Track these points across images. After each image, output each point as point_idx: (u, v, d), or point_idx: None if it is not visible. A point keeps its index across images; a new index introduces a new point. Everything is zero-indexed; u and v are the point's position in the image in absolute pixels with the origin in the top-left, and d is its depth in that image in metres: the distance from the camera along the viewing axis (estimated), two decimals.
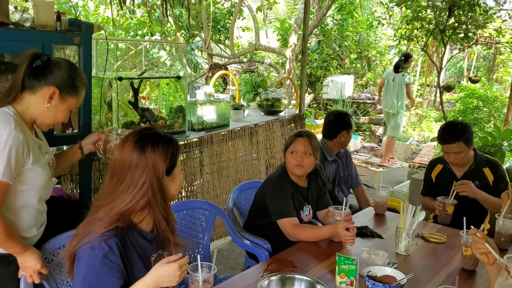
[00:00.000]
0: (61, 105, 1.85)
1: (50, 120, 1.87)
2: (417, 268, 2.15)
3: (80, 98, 1.93)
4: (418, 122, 11.16)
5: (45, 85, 1.80)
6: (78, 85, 1.89)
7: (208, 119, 4.06)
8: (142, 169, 1.52)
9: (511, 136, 4.35)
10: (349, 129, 3.34)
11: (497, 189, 2.89)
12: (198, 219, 2.60)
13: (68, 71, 1.85)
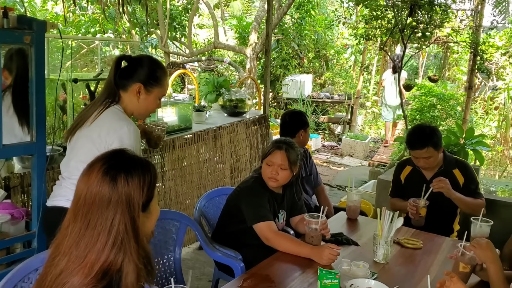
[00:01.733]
0: (149, 97, 2.12)
1: (144, 111, 2.17)
2: (397, 278, 2.08)
3: (165, 86, 2.18)
4: (374, 121, 11.34)
5: (132, 83, 2.08)
6: (159, 75, 2.13)
7: (169, 121, 3.87)
8: (115, 207, 1.19)
9: (473, 135, 4.41)
10: (306, 127, 3.30)
11: (468, 190, 2.88)
12: (168, 231, 2.43)
13: (148, 65, 2.11)
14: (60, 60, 2.49)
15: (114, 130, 2.01)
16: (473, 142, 4.38)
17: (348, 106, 10.12)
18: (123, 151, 1.32)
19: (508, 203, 3.41)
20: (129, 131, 2.03)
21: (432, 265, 2.24)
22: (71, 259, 1.17)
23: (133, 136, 2.04)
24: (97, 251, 1.16)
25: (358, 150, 8.51)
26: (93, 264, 1.15)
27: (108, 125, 2.03)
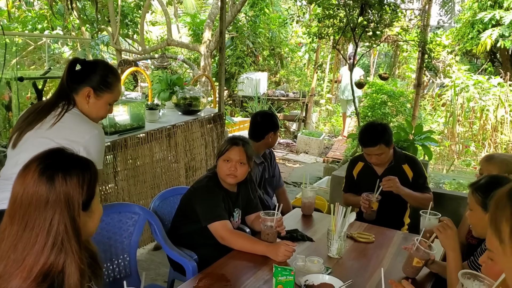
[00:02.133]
0: (98, 102, 2.10)
1: (94, 115, 2.13)
2: (351, 272, 2.12)
3: (116, 92, 2.15)
4: (328, 118, 11.53)
5: (83, 86, 2.07)
6: (111, 81, 2.11)
7: (121, 120, 3.78)
8: (53, 207, 1.16)
9: (421, 131, 4.55)
10: (276, 129, 3.27)
11: (417, 184, 2.98)
12: (124, 223, 2.39)
13: (100, 70, 2.09)
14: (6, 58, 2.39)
15: (83, 133, 2.03)
16: (422, 137, 4.52)
17: (303, 103, 10.24)
18: (61, 150, 1.28)
19: (454, 196, 3.54)
20: (98, 134, 2.07)
21: (384, 258, 2.29)
22: (8, 263, 1.13)
23: (99, 139, 2.08)
24: (36, 253, 1.13)
25: (313, 147, 8.62)
26: (32, 266, 1.12)
27: (75, 128, 2.04)
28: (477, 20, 9.27)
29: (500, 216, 0.90)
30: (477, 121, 8.21)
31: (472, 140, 8.12)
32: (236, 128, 7.62)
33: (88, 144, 2.01)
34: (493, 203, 0.94)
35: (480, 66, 12.26)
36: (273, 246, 2.18)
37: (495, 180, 1.93)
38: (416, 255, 2.03)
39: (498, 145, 7.72)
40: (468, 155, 7.77)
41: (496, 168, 2.38)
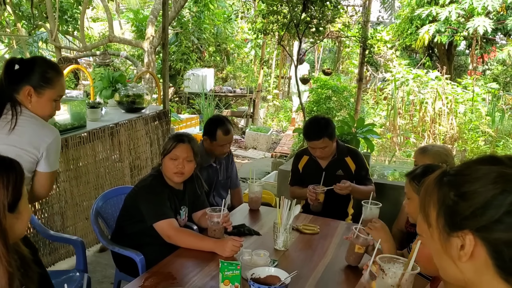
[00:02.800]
0: (40, 99, 2.01)
1: (40, 114, 2.04)
2: (297, 263, 2.16)
3: (58, 87, 2.06)
4: (275, 113, 11.64)
5: (22, 86, 1.99)
6: (50, 77, 2.02)
7: (61, 120, 3.64)
8: None
9: (363, 124, 4.68)
10: (210, 136, 3.18)
11: (360, 176, 3.07)
12: None
13: (38, 67, 2.01)
14: None
15: (45, 137, 2.01)
16: (364, 130, 4.66)
17: (250, 99, 10.28)
18: None
19: (395, 186, 3.68)
20: (58, 136, 2.07)
21: (328, 248, 2.35)
22: None
23: (58, 141, 2.08)
24: None
25: (261, 142, 8.68)
26: None
27: (37, 131, 2.01)
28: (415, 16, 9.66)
29: (428, 201, 0.95)
30: (416, 114, 8.55)
31: (412, 131, 8.45)
32: (183, 125, 7.55)
33: (50, 147, 2.00)
34: (423, 189, 0.99)
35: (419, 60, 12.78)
36: (220, 242, 2.19)
37: (430, 169, 2.01)
38: (356, 242, 2.10)
39: (437, 136, 8.09)
40: (408, 146, 8.09)
41: (430, 160, 2.49)
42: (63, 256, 3.45)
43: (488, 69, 13.41)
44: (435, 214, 0.93)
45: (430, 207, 0.95)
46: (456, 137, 8.06)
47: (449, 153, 2.68)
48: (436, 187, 0.94)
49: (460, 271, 0.90)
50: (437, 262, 0.96)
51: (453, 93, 8.34)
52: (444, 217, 0.91)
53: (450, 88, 8.43)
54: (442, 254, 0.93)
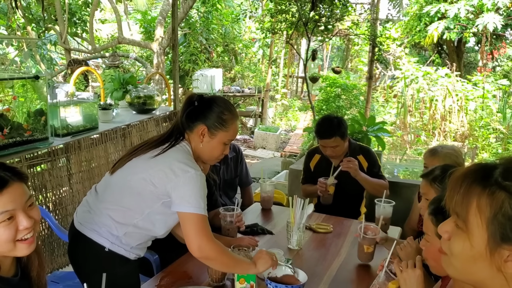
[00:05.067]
0: (212, 141, 1.93)
1: (208, 156, 1.98)
2: (311, 262, 2.16)
3: (232, 131, 1.96)
4: (284, 112, 11.64)
5: (197, 124, 1.91)
6: (226, 119, 1.93)
7: (73, 122, 3.67)
8: None
9: (374, 122, 4.67)
10: None
11: (372, 173, 3.06)
12: None
13: (215, 107, 1.92)
14: None
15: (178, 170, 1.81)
16: (375, 129, 4.64)
17: (259, 99, 10.30)
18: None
19: (408, 184, 3.66)
20: (192, 176, 1.81)
21: (342, 246, 2.35)
22: None
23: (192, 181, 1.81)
24: None
25: (270, 142, 8.69)
26: None
27: (173, 162, 1.84)
28: (424, 14, 9.60)
29: (466, 202, 0.88)
30: (427, 111, 8.51)
31: (423, 129, 8.42)
32: None
33: (177, 183, 1.79)
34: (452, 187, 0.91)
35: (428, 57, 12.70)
36: (235, 240, 2.20)
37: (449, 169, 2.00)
38: (363, 243, 2.11)
39: (447, 134, 8.05)
40: (419, 144, 8.05)
41: (440, 162, 2.42)
42: None
43: (498, 65, 13.29)
44: (484, 219, 0.84)
45: (469, 208, 0.86)
46: (466, 134, 8.02)
47: (459, 154, 2.65)
48: (486, 188, 0.85)
49: (492, 276, 0.85)
50: (463, 263, 0.90)
51: (463, 90, 8.29)
52: (498, 226, 0.82)
53: (460, 85, 8.38)
54: (478, 258, 0.86)
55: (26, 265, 1.34)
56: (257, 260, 1.82)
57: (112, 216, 1.89)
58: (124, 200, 1.88)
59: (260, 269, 1.81)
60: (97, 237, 1.89)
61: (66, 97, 4.31)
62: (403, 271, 1.47)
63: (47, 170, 3.26)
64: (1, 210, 1.20)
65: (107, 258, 1.89)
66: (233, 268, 1.82)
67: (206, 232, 1.77)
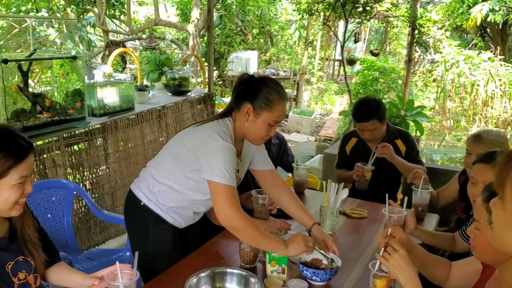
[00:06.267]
0: (257, 120, 1.93)
1: (252, 135, 1.98)
2: (344, 247, 2.12)
3: (277, 112, 1.94)
4: (320, 96, 11.50)
5: (244, 103, 1.92)
6: (272, 99, 1.91)
7: (110, 102, 3.73)
8: None
9: (413, 106, 4.54)
10: None
11: (410, 158, 2.98)
12: (56, 199, 2.58)
13: (263, 86, 1.92)
14: None
15: (204, 138, 1.88)
16: (413, 113, 4.52)
17: (294, 82, 10.20)
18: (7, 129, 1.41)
19: (446, 170, 3.55)
20: (218, 146, 1.83)
21: (376, 233, 2.30)
22: None
23: (216, 151, 1.83)
24: None
25: (304, 126, 8.61)
26: None
27: (203, 133, 1.92)
28: None
29: None
30: (467, 96, 8.23)
31: (463, 115, 8.15)
32: None
33: (206, 151, 1.85)
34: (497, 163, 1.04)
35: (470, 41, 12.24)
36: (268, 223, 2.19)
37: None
38: (389, 224, 2.07)
39: (489, 120, 7.77)
40: (459, 130, 7.81)
41: (485, 148, 2.27)
42: (113, 235, 3.56)
43: None
44: None
45: (506, 178, 0.99)
46: (509, 121, 7.72)
47: (505, 141, 2.50)
48: None
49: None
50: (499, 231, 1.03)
51: (507, 75, 7.95)
52: None
53: (504, 69, 8.04)
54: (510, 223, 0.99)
55: (20, 227, 1.50)
56: (290, 243, 1.80)
57: (152, 173, 2.02)
58: (165, 161, 2.01)
59: (291, 252, 1.79)
60: (137, 191, 2.04)
61: (104, 78, 4.38)
62: (388, 258, 1.46)
63: (85, 150, 3.33)
64: (21, 175, 1.38)
65: (142, 212, 2.01)
66: (260, 243, 1.82)
67: (233, 202, 1.80)
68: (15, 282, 1.45)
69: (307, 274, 1.76)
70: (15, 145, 1.38)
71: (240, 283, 1.68)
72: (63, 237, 2.60)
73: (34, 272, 1.51)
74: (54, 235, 2.53)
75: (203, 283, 1.67)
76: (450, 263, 1.66)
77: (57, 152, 3.11)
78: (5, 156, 1.35)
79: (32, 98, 3.12)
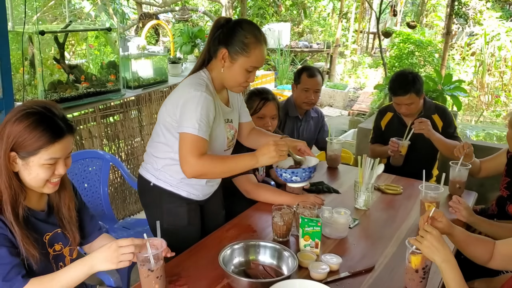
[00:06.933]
0: (233, 66, 1.83)
1: (230, 82, 1.89)
2: (379, 223, 2.11)
3: (254, 57, 1.83)
4: (353, 69, 11.28)
5: (220, 48, 1.82)
6: (248, 43, 1.81)
7: (144, 75, 3.76)
8: (1, 140, 1.34)
9: (451, 80, 4.39)
10: (296, 82, 3.19)
11: (447, 134, 2.90)
12: (92, 170, 2.63)
13: (238, 30, 1.81)
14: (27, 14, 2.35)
15: (183, 93, 1.82)
16: (451, 87, 4.37)
17: (327, 55, 10.02)
18: (53, 109, 1.39)
19: (484, 147, 3.44)
20: (195, 97, 1.77)
21: (412, 209, 2.26)
22: None
23: (194, 102, 1.77)
24: None
25: (337, 99, 8.49)
26: None
27: (181, 88, 1.86)
28: None
29: None
30: (508, 71, 7.92)
31: (503, 90, 7.86)
32: (258, 82, 7.53)
33: (180, 105, 1.79)
34: None
35: None
36: (301, 197, 2.17)
37: None
38: (425, 200, 2.04)
39: None
40: (498, 106, 7.54)
41: None
42: None
43: None
44: None
45: None
46: None
47: None
48: None
49: None
50: None
51: None
52: None
53: None
54: None
55: (57, 203, 1.52)
56: (261, 154, 1.81)
57: (152, 152, 1.99)
58: (158, 136, 1.94)
59: (263, 162, 1.81)
60: (145, 173, 2.02)
61: (138, 51, 4.41)
62: (421, 241, 1.45)
63: (120, 121, 3.38)
64: (51, 156, 1.38)
65: (154, 193, 1.98)
66: (231, 171, 1.86)
67: (197, 151, 1.75)
68: (50, 252, 1.49)
69: (287, 177, 1.79)
70: (50, 126, 1.36)
71: (274, 256, 1.69)
72: (99, 206, 2.66)
73: (70, 245, 1.56)
74: (91, 204, 2.59)
75: (236, 255, 1.68)
76: (493, 243, 1.62)
77: (93, 123, 3.17)
78: (37, 136, 1.34)
79: (68, 69, 3.17)
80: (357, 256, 1.79)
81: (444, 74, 5.10)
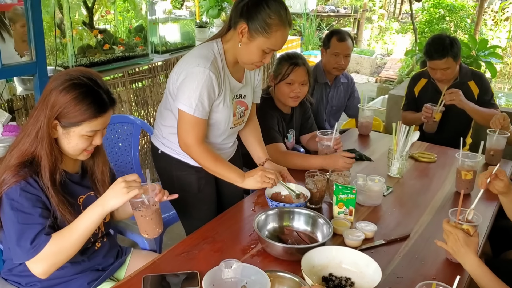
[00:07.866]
0: (250, 44, 1.72)
1: (243, 58, 1.77)
2: (412, 191, 2.08)
3: (274, 40, 1.70)
4: (380, 35, 10.99)
5: (241, 21, 1.70)
6: (271, 24, 1.68)
7: (172, 39, 3.72)
8: (45, 107, 1.35)
9: (486, 46, 4.23)
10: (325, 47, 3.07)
11: (483, 101, 2.81)
12: (122, 134, 2.65)
13: (264, 7, 1.68)
14: None
15: (186, 64, 1.75)
16: (486, 53, 4.22)
17: (354, 20, 9.77)
18: (98, 83, 1.40)
19: None
20: (196, 73, 1.70)
21: (446, 178, 2.22)
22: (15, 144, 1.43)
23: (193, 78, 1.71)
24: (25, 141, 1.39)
25: (364, 66, 8.33)
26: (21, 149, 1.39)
27: (187, 57, 1.80)
28: None
29: None
30: None
31: None
32: (285, 47, 7.41)
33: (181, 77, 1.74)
34: None
35: None
36: (330, 157, 2.14)
37: None
38: (462, 169, 2.00)
39: None
40: None
41: None
42: None
43: None
44: None
45: None
46: None
47: None
48: None
49: None
50: None
51: None
52: None
53: None
54: None
55: (91, 167, 1.57)
56: (248, 177, 1.82)
57: (160, 122, 1.97)
58: (166, 104, 1.91)
59: (246, 185, 1.82)
60: (154, 140, 2.02)
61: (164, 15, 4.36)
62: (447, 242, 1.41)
63: (148, 86, 3.38)
64: (92, 129, 1.41)
65: (164, 160, 1.98)
66: (218, 175, 1.86)
67: (194, 134, 1.75)
68: None
69: None
70: (96, 100, 1.38)
71: (308, 223, 1.68)
72: (130, 171, 2.69)
73: None
74: (122, 169, 2.62)
75: (270, 221, 1.67)
76: None
77: (122, 88, 3.17)
78: (83, 109, 1.35)
79: (97, 33, 3.16)
80: (392, 224, 1.77)
81: (479, 39, 4.92)
